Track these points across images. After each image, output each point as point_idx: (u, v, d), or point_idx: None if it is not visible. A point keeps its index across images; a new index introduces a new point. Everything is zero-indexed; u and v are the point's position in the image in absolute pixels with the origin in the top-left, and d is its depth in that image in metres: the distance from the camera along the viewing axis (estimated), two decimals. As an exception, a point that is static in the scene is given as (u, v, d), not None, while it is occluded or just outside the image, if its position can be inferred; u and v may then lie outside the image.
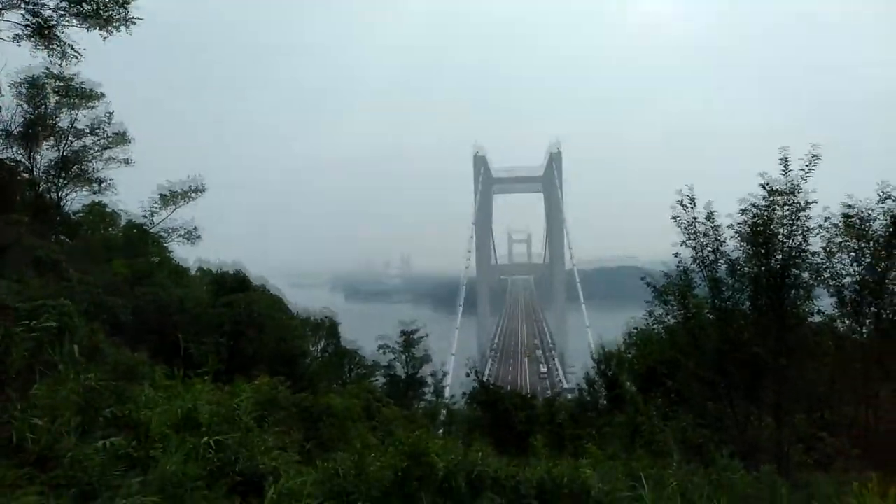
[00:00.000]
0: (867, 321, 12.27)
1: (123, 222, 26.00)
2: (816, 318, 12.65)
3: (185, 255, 28.18)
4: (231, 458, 7.11)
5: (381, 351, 39.40)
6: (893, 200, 11.71)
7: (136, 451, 6.25)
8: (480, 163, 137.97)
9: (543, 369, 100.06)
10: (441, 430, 23.55)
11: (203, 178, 26.28)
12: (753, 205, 12.18)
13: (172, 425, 7.35)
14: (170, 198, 25.29)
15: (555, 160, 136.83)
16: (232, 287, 22.69)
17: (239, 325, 19.68)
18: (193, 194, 25.51)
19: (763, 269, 12.21)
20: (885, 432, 11.54)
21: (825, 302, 12.60)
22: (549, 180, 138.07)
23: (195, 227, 25.97)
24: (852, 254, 12.11)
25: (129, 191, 25.89)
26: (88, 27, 13.95)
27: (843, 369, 12.22)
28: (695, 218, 12.96)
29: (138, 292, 19.15)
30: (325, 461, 8.37)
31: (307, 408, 11.33)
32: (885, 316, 12.02)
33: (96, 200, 24.74)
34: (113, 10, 13.72)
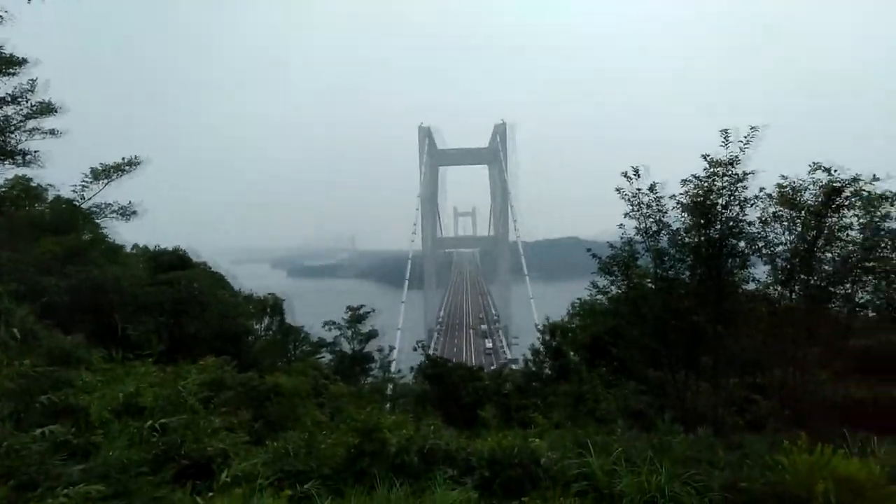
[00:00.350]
0: (797, 288, 12.89)
1: (52, 198, 24.58)
2: (751, 286, 13.22)
3: (122, 233, 26.96)
4: (177, 441, 6.92)
5: (326, 327, 39.04)
6: (823, 171, 12.24)
7: (76, 439, 6.01)
8: (425, 134, 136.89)
9: (489, 344, 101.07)
10: (389, 405, 23.63)
11: (140, 154, 24.99)
12: (695, 176, 12.54)
13: (113, 410, 7.09)
14: (102, 172, 23.95)
15: (499, 133, 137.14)
16: (171, 264, 21.95)
17: (180, 304, 19.09)
18: (128, 167, 24.22)
19: (703, 239, 12.64)
20: (811, 393, 12.23)
21: (759, 270, 13.16)
22: (494, 153, 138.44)
23: (130, 203, 24.72)
24: (785, 223, 12.65)
25: (63, 167, 24.42)
26: None
27: (774, 334, 12.83)
28: (638, 189, 13.24)
29: (70, 271, 18.22)
30: (275, 441, 8.27)
31: (254, 387, 11.12)
32: (813, 283, 12.65)
33: (20, 175, 23.27)
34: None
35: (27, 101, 22.18)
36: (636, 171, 13.28)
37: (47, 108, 22.66)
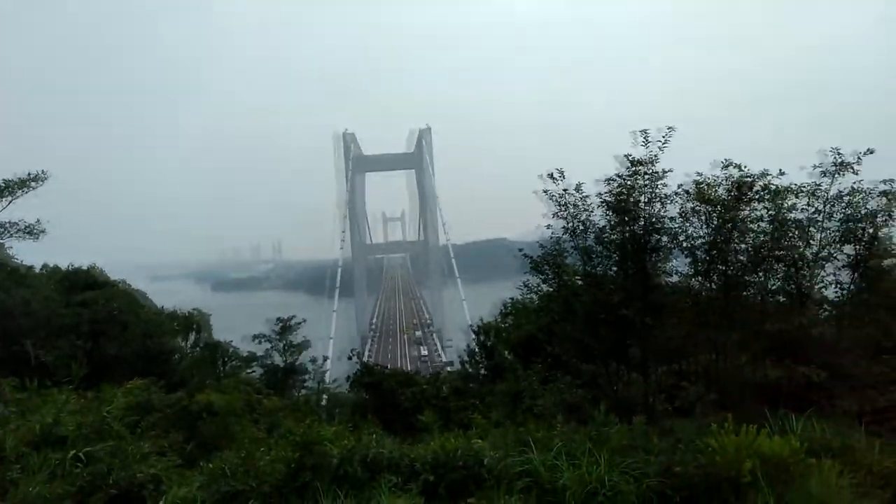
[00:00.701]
0: (715, 278, 13.58)
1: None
2: (674, 279, 13.85)
3: (30, 253, 25.25)
4: (103, 470, 6.57)
5: (256, 341, 37.96)
6: (734, 167, 12.96)
7: (-10, 476, 5.58)
8: (350, 141, 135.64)
9: (424, 352, 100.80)
10: (325, 416, 23.24)
11: (47, 170, 23.46)
12: (618, 175, 13.01)
13: (31, 443, 6.65)
14: (5, 188, 22.38)
15: (424, 137, 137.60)
16: (87, 284, 20.80)
17: (98, 325, 18.11)
18: (34, 183, 22.74)
19: (627, 235, 13.13)
20: (733, 376, 12.90)
21: (681, 263, 13.80)
22: (419, 157, 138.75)
23: (38, 220, 23.21)
24: (702, 218, 13.29)
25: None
26: None
27: (697, 323, 13.47)
28: (564, 190, 13.61)
29: (-29, 297, 17.00)
30: (210, 462, 7.96)
31: (184, 407, 10.65)
32: (729, 273, 13.36)
33: None
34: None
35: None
36: (561, 173, 13.66)
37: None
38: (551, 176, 13.66)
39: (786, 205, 13.09)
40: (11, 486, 5.58)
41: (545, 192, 13.85)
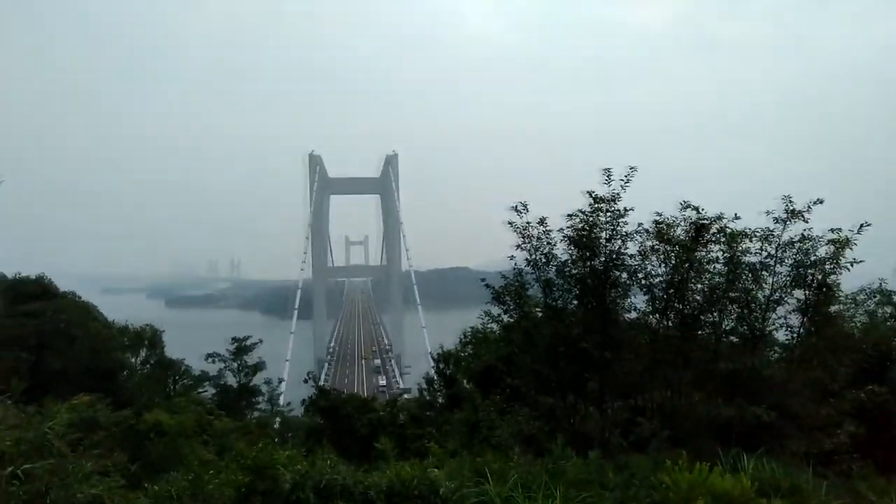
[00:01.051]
0: (672, 316, 13.87)
1: None
2: (633, 315, 14.09)
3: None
4: (41, 489, 6.26)
5: (209, 360, 37.03)
6: (692, 209, 13.36)
7: (-82, 493, 5.27)
8: (316, 163, 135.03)
9: (382, 382, 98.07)
10: (278, 440, 22.70)
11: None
12: (580, 210, 13.28)
13: (-35, 458, 6.30)
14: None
15: (391, 163, 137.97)
16: (33, 294, 20.04)
17: (44, 337, 17.42)
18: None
19: (588, 270, 13.37)
20: (687, 413, 13.10)
21: (639, 300, 14.06)
22: (385, 183, 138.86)
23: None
24: (661, 256, 13.62)
25: None
26: None
27: (654, 359, 13.69)
28: (528, 223, 13.82)
29: None
30: (156, 483, 7.68)
31: (131, 426, 10.30)
32: (686, 311, 13.67)
33: None
34: None
35: None
36: (525, 206, 13.89)
37: None
38: (515, 208, 13.88)
39: (740, 248, 13.51)
40: (-59, 504, 5.27)
41: (509, 223, 14.05)
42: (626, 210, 13.18)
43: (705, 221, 13.25)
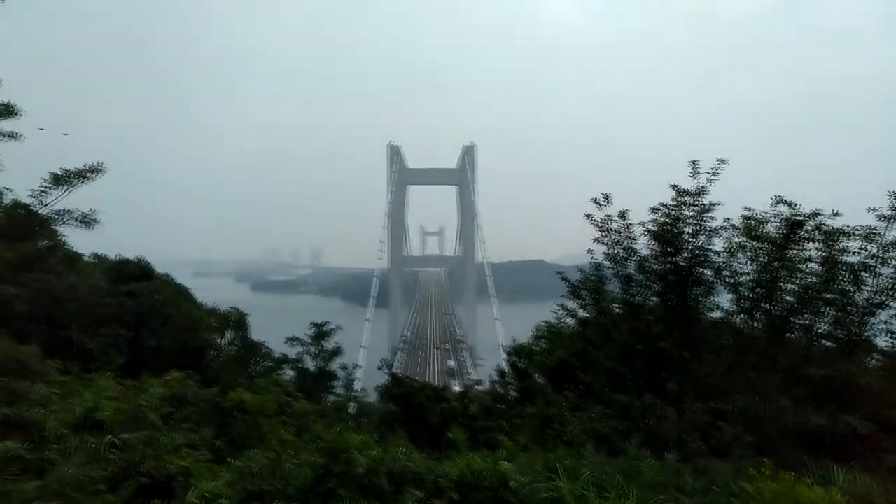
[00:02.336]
0: (760, 317, 13.16)
1: (8, 202, 23.76)
2: (716, 314, 13.48)
3: (81, 242, 26.17)
4: (136, 458, 6.69)
5: (289, 343, 38.38)
6: (785, 204, 12.59)
7: (30, 454, 5.75)
8: (394, 153, 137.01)
9: (451, 363, 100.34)
10: (352, 424, 23.30)
11: (103, 162, 24.28)
12: (663, 204, 12.79)
13: (70, 425, 6.83)
14: (63, 177, 23.24)
15: (468, 154, 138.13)
16: (133, 275, 21.38)
17: (141, 316, 18.57)
18: (90, 174, 23.53)
19: (670, 266, 12.87)
20: (773, 420, 12.44)
21: (724, 298, 13.43)
22: (462, 174, 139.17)
23: (92, 210, 24.01)
24: (749, 254, 12.94)
25: (21, 175, 23.58)
26: None
27: (737, 362, 13.06)
28: (608, 216, 13.45)
29: (25, 279, 17.60)
30: (239, 460, 8.05)
31: (218, 403, 10.82)
32: (775, 313, 12.94)
33: (-26, 178, 22.43)
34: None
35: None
36: (606, 198, 13.51)
37: (6, 110, 21.97)
38: (596, 201, 13.53)
39: (839, 247, 12.65)
40: (49, 466, 5.73)
41: (588, 216, 13.71)
42: (712, 205, 12.59)
43: (800, 218, 12.48)
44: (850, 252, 12.71)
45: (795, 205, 12.59)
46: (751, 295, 13.04)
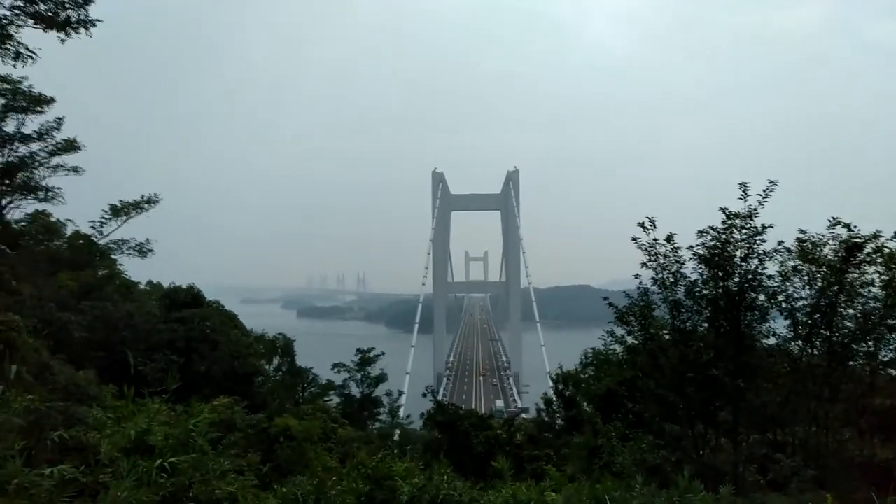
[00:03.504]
0: (818, 344, 12.63)
1: (69, 233, 24.97)
2: (771, 341, 12.97)
3: (136, 270, 27.24)
4: (185, 482, 6.77)
5: (335, 370, 38.76)
6: (843, 227, 12.13)
7: (84, 477, 5.89)
8: (438, 179, 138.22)
9: (500, 404, 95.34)
10: (396, 451, 23.23)
11: (157, 192, 25.34)
12: (712, 227, 12.46)
13: (123, 449, 6.97)
14: (121, 208, 24.31)
15: (511, 179, 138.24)
16: (185, 302, 22.01)
17: (192, 342, 19.05)
18: (146, 205, 24.59)
19: (720, 291, 12.48)
20: (835, 453, 11.85)
21: (779, 324, 12.94)
22: (506, 199, 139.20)
23: (147, 240, 25.00)
24: (805, 278, 12.48)
25: (79, 204, 24.85)
26: (45, 28, 13.35)
27: (795, 391, 12.52)
28: (655, 240, 13.17)
29: (85, 307, 18.35)
30: (284, 486, 8.09)
31: (264, 429, 10.96)
32: (835, 339, 12.41)
33: (41, 210, 23.67)
34: (72, 11, 13.16)
35: (52, 139, 22.71)
36: (652, 222, 13.24)
37: (71, 146, 23.15)
38: (642, 225, 13.27)
39: (901, 270, 12.09)
40: (102, 489, 5.85)
41: (634, 240, 13.46)
42: (763, 227, 12.20)
43: (858, 240, 11.99)
44: None
45: (854, 227, 12.13)
46: (808, 321, 12.55)
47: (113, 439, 7.03)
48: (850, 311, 12.39)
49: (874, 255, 12.04)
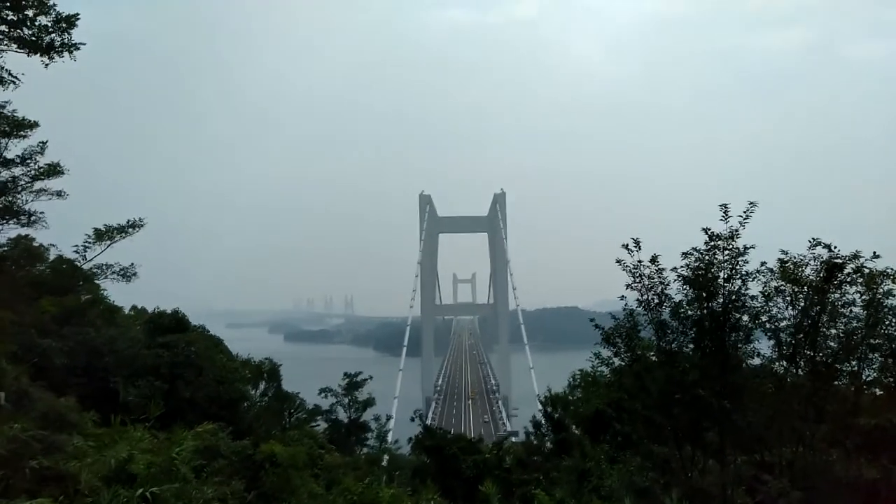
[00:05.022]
0: (802, 363, 12.71)
1: (52, 258, 24.72)
2: (756, 361, 13.04)
3: (120, 295, 26.96)
4: (167, 512, 6.67)
5: (322, 394, 38.38)
6: (822, 247, 12.29)
7: (63, 508, 5.79)
8: (426, 202, 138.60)
9: (486, 418, 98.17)
10: (385, 478, 22.95)
11: (143, 218, 25.15)
12: (695, 248, 12.58)
13: (104, 478, 6.86)
14: (105, 233, 24.12)
15: (498, 201, 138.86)
16: (169, 327, 21.76)
17: (176, 368, 18.81)
18: (131, 230, 24.41)
19: (705, 311, 12.57)
20: (822, 473, 11.86)
21: (763, 345, 13.02)
22: (493, 221, 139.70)
23: (132, 264, 24.77)
24: (787, 298, 12.60)
25: (63, 229, 24.60)
26: (29, 52, 13.37)
27: (781, 411, 12.56)
28: (639, 261, 13.27)
29: (67, 332, 18.09)
30: (269, 513, 7.98)
31: (249, 456, 10.80)
32: (819, 359, 12.49)
33: (23, 234, 23.42)
34: (55, 36, 13.20)
35: (35, 163, 22.55)
36: (636, 243, 13.35)
37: (54, 170, 23.00)
38: (626, 246, 13.38)
39: (882, 290, 12.25)
40: (82, 519, 5.75)
41: (619, 262, 13.55)
42: (745, 248, 12.34)
43: (839, 260, 12.16)
44: (894, 295, 12.31)
45: (834, 247, 12.29)
46: (791, 341, 12.64)
47: (93, 468, 6.93)
48: (833, 331, 12.51)
49: (854, 276, 12.20)
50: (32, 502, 5.58)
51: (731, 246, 12.34)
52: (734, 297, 12.48)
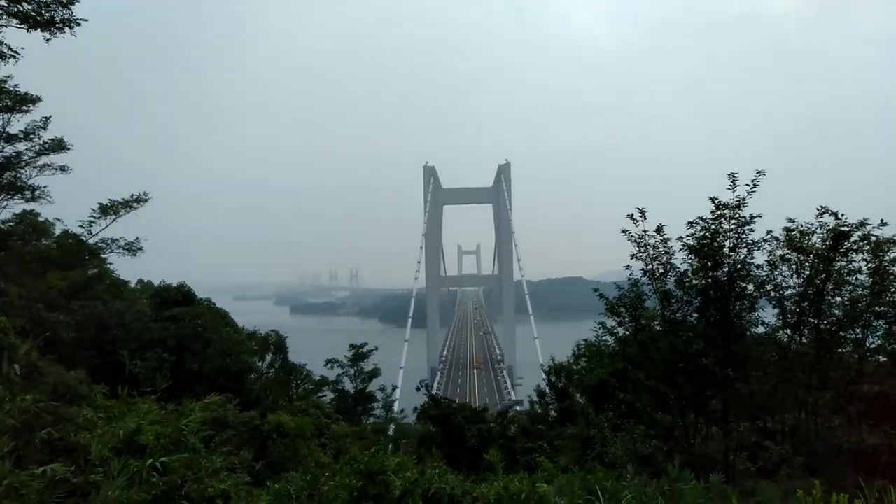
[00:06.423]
0: (806, 332, 12.73)
1: (58, 233, 24.80)
2: (760, 330, 13.06)
3: (126, 269, 27.08)
4: (177, 481, 6.76)
5: (328, 365, 38.77)
6: (830, 215, 12.20)
7: (75, 477, 5.87)
8: (430, 174, 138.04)
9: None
10: (391, 447, 23.27)
11: (148, 192, 25.13)
12: (701, 218, 12.50)
13: (114, 448, 6.95)
14: (110, 207, 24.14)
15: (503, 173, 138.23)
16: (176, 300, 21.91)
17: (183, 341, 18.99)
18: (136, 204, 24.42)
19: (710, 281, 12.54)
20: (824, 439, 11.97)
21: (768, 313, 13.02)
22: (497, 193, 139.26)
23: (137, 238, 24.83)
24: (793, 267, 12.57)
25: (68, 204, 24.63)
26: (29, 28, 13.20)
27: (784, 379, 12.62)
28: (645, 231, 13.20)
29: (75, 306, 18.24)
30: (277, 482, 8.10)
31: (256, 427, 10.95)
32: (823, 327, 12.51)
33: (28, 210, 23.48)
34: (56, 11, 13.02)
35: (39, 138, 22.49)
36: (642, 213, 13.26)
37: (58, 145, 22.94)
38: (631, 216, 13.29)
39: (888, 258, 12.19)
40: (94, 489, 5.84)
41: (624, 232, 13.48)
42: (752, 217, 12.25)
43: (845, 228, 12.08)
44: None
45: (841, 215, 12.20)
46: (796, 309, 12.64)
47: (103, 439, 7.01)
48: (838, 299, 12.50)
49: (861, 243, 12.13)
50: (45, 467, 5.67)
51: (737, 215, 12.26)
52: (739, 266, 12.43)
